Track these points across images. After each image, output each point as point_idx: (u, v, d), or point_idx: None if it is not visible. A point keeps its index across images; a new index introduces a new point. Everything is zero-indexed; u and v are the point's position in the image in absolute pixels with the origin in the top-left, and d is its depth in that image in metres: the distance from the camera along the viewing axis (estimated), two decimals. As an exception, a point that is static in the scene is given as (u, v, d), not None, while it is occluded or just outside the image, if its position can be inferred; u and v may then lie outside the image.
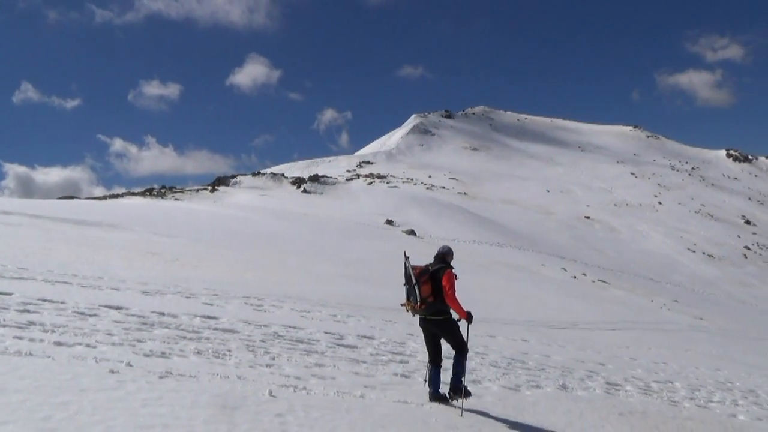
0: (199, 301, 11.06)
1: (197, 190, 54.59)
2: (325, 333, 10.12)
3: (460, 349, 6.85)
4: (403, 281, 6.89)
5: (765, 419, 10.15)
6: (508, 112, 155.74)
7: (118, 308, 9.04)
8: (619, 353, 14.80)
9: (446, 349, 7.17)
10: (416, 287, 6.65)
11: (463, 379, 6.78)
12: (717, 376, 13.91)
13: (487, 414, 7.14)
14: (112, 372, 5.96)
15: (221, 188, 56.69)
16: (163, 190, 53.14)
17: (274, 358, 7.89)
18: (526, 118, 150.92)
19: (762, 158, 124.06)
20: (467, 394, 6.80)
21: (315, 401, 6.30)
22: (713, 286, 48.28)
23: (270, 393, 6.18)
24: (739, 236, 69.70)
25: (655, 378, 12.03)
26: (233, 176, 62.37)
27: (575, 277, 36.45)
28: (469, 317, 6.60)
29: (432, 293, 6.64)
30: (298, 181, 61.42)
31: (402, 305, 7.03)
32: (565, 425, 7.30)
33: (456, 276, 6.76)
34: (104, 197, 50.73)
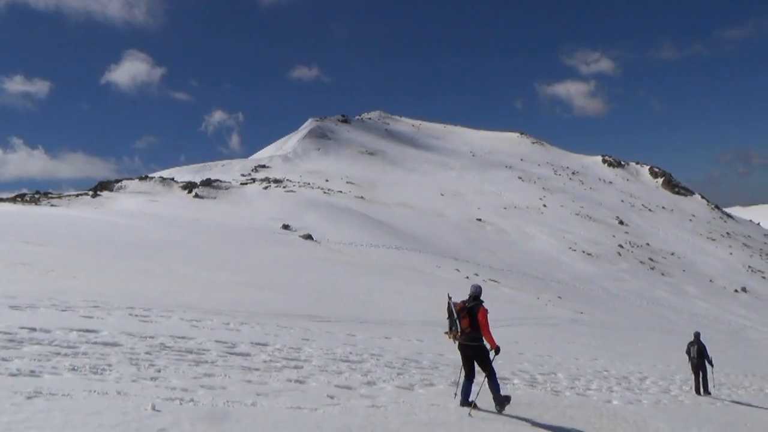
0: (76, 314, 10.29)
1: (77, 196, 50.93)
2: (217, 342, 9.76)
3: (489, 373, 8.18)
4: (446, 315, 8.44)
5: (636, 403, 11.04)
6: (403, 118, 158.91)
7: (-20, 325, 8.20)
8: (508, 348, 15.47)
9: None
10: (457, 321, 8.20)
11: (499, 393, 8.22)
12: (595, 366, 14.95)
13: (381, 415, 7.19)
14: (-30, 395, 5.39)
15: (104, 193, 53.26)
16: (37, 196, 49.06)
17: (159, 371, 7.48)
18: (420, 124, 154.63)
19: (632, 163, 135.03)
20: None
21: (202, 413, 6.04)
22: (592, 283, 51.83)
23: (153, 407, 5.84)
24: (613, 236, 75.36)
25: (540, 370, 12.72)
26: (117, 180, 58.78)
27: (468, 277, 37.76)
28: (497, 349, 8.07)
29: (469, 325, 8.15)
30: (189, 186, 58.98)
31: (445, 333, 8.54)
32: (456, 420, 7.51)
33: (487, 311, 8.25)
34: (-33, 204, 45.98)
